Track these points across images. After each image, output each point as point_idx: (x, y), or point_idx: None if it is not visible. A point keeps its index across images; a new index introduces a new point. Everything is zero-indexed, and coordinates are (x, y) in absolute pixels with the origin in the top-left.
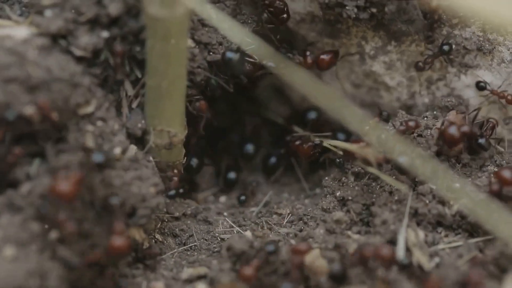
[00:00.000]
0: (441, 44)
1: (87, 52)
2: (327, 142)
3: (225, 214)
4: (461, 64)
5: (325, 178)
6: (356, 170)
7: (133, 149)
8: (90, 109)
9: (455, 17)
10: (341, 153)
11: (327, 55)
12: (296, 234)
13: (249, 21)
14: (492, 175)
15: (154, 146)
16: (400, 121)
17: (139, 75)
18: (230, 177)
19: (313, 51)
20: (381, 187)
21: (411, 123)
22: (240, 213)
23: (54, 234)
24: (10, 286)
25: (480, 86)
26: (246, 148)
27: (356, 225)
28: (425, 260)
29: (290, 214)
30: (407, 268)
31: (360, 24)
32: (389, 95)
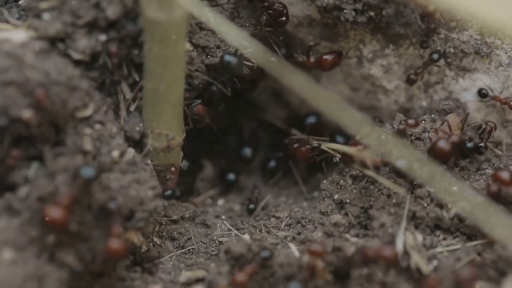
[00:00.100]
0: (430, 53)
1: (85, 56)
2: (325, 145)
3: (223, 217)
4: (458, 68)
5: (323, 181)
6: (354, 173)
7: (131, 152)
8: (88, 112)
9: (452, 20)
10: (339, 156)
11: (330, 55)
12: (294, 237)
13: (247, 24)
14: (490, 177)
15: (152, 149)
16: (400, 119)
17: (137, 78)
18: (229, 178)
19: (317, 51)
20: (379, 190)
21: (410, 121)
22: (238, 216)
23: (52, 238)
24: None
25: (482, 94)
26: (244, 151)
27: (354, 228)
28: (423, 263)
29: (288, 217)
30: (405, 271)
31: (358, 27)
32: (387, 98)
